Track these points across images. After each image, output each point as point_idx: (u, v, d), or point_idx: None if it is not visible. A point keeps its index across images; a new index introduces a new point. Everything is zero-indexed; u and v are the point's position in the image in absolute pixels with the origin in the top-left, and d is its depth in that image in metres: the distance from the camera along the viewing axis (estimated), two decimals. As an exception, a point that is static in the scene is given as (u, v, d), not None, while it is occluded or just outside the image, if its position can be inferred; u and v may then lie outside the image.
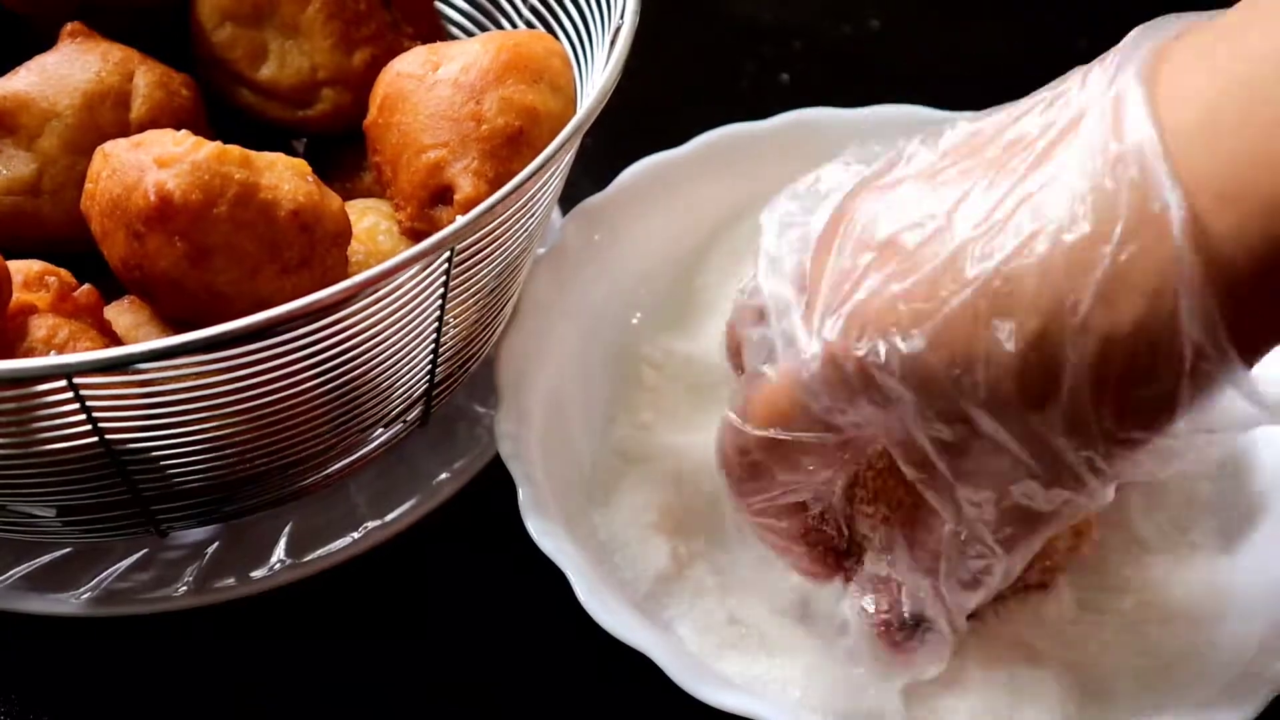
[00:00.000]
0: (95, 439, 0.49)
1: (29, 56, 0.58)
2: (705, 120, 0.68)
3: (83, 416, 0.48)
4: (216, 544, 0.59)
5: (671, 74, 0.85)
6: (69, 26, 0.58)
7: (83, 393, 0.48)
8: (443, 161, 0.55)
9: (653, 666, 0.51)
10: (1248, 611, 0.55)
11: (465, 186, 0.54)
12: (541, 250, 0.63)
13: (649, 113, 0.82)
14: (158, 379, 0.48)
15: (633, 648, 0.51)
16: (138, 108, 0.57)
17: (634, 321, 0.65)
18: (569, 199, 0.66)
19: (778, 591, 0.56)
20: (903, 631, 0.51)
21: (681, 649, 0.54)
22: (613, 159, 0.68)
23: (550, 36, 0.59)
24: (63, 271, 0.54)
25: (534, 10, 0.64)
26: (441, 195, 0.55)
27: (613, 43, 0.57)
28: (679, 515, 0.59)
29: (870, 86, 0.75)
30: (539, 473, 0.57)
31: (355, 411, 0.55)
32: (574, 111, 0.57)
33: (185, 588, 0.58)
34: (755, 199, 0.66)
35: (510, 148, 0.55)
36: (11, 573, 0.58)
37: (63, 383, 0.47)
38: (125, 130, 0.56)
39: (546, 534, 0.54)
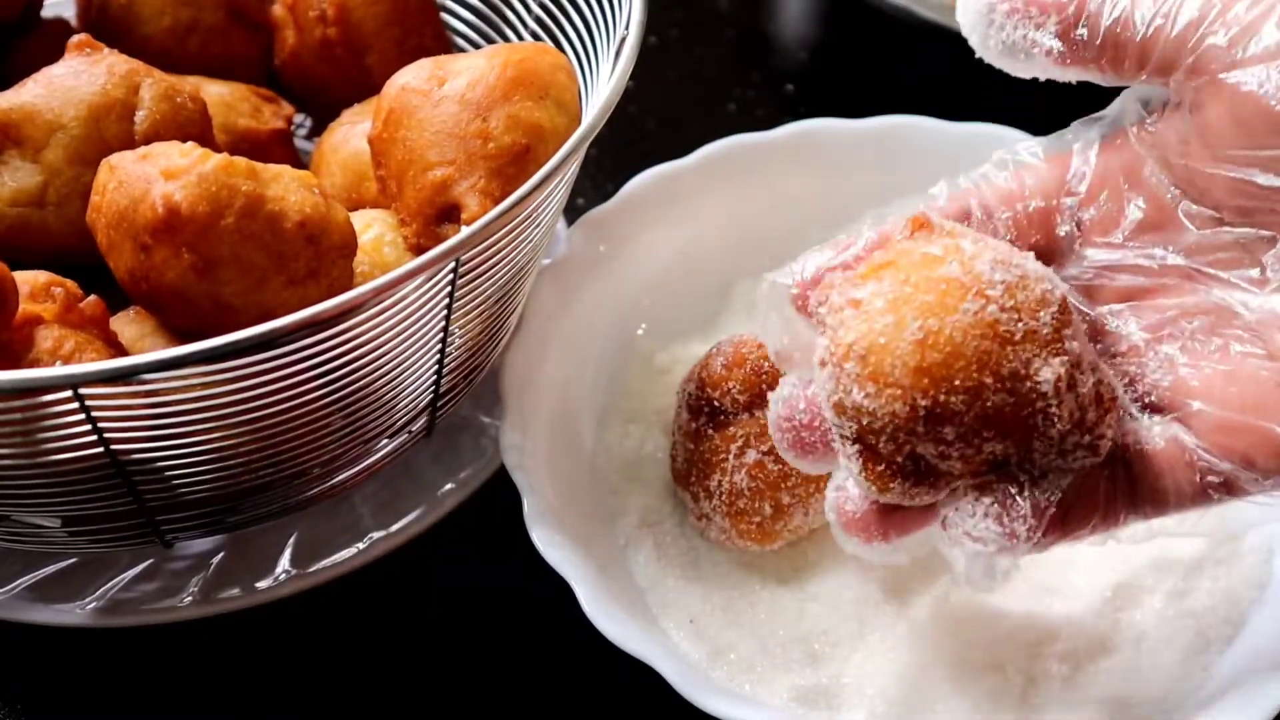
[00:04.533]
0: (101, 449, 0.50)
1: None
2: (710, 131, 0.68)
3: (88, 427, 0.49)
4: (221, 554, 0.59)
5: (676, 84, 0.85)
6: (75, 39, 0.58)
7: (88, 403, 0.48)
8: (449, 180, 0.55)
9: (658, 676, 0.51)
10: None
11: (472, 205, 0.54)
12: (547, 261, 0.63)
13: (654, 123, 0.82)
14: (163, 389, 0.49)
15: (637, 658, 0.51)
16: (143, 120, 0.57)
17: (638, 332, 0.65)
18: (574, 209, 0.66)
19: (783, 599, 0.56)
20: None
21: (685, 659, 0.54)
22: (618, 170, 0.68)
23: (555, 50, 0.59)
24: (69, 283, 0.54)
25: (539, 21, 0.65)
26: (448, 213, 0.55)
27: (618, 54, 0.57)
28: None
29: (875, 97, 0.75)
30: (544, 483, 0.57)
31: (360, 422, 0.55)
32: (579, 126, 0.57)
33: (190, 598, 0.58)
34: (760, 210, 0.67)
35: (517, 166, 0.54)
36: (16, 583, 0.58)
37: (68, 393, 0.47)
38: (130, 143, 0.56)
39: (552, 544, 0.54)
